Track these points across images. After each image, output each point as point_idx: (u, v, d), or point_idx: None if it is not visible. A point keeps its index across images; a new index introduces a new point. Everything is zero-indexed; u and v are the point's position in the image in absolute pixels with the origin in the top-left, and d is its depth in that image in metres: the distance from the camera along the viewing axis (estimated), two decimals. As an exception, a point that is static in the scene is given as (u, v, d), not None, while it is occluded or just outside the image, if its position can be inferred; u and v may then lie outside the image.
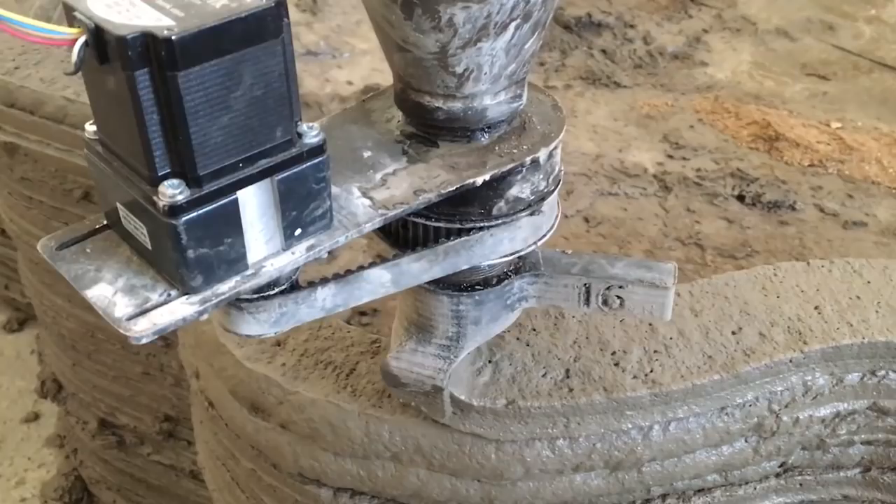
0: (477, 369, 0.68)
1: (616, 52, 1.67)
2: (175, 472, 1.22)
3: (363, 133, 0.57)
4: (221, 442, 0.82)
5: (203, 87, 0.41)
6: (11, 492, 1.43)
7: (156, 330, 0.43)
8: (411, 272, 0.55)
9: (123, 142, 0.44)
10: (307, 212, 0.48)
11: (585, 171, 1.35)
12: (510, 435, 0.67)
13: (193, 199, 0.43)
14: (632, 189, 1.33)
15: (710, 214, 1.25)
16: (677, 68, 1.65)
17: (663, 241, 1.21)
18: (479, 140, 0.55)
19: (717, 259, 1.19)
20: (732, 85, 1.57)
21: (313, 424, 0.71)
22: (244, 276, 0.46)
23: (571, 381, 0.67)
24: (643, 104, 1.53)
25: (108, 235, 0.48)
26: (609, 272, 0.60)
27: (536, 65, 1.64)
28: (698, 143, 1.41)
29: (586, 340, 0.70)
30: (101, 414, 1.24)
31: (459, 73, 0.51)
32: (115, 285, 0.45)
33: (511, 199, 0.55)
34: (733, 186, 1.31)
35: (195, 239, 0.43)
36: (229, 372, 0.76)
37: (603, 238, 1.23)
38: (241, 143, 0.44)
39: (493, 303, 0.61)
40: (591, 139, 1.44)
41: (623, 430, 0.67)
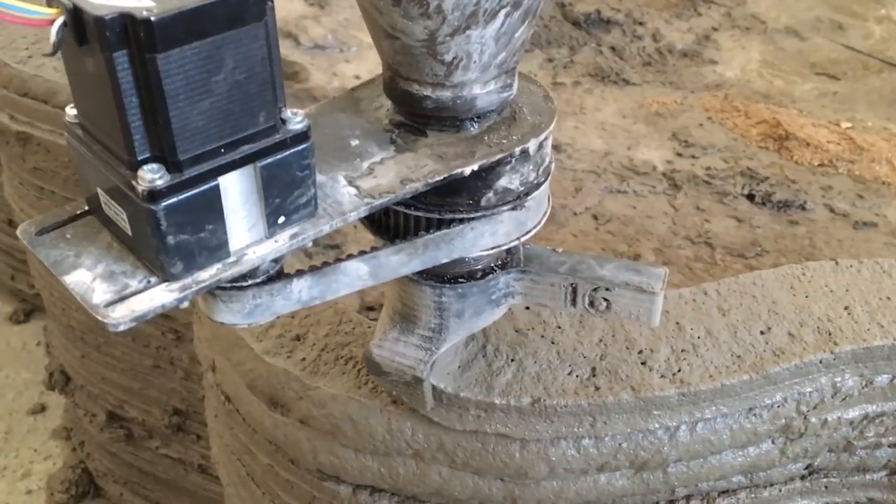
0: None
1: (625, 49, 1.66)
2: (183, 466, 1.20)
3: (351, 121, 0.56)
4: (237, 437, 0.80)
5: (183, 70, 0.40)
6: (17, 483, 1.41)
7: (134, 317, 0.42)
8: (390, 265, 0.54)
9: (103, 125, 0.43)
10: (291, 199, 0.47)
11: (594, 168, 1.33)
12: (535, 434, 0.65)
13: (173, 185, 0.42)
14: (641, 187, 1.31)
15: (720, 213, 1.24)
16: (686, 66, 1.63)
17: (672, 240, 1.20)
18: (469, 130, 0.54)
19: (726, 258, 1.18)
20: (742, 83, 1.55)
21: (334, 420, 0.69)
22: (226, 264, 0.45)
23: (598, 379, 0.66)
24: (652, 102, 1.52)
25: (89, 221, 0.47)
26: (597, 273, 0.59)
27: (545, 61, 1.63)
28: (707, 141, 1.40)
29: (612, 339, 0.68)
30: (110, 407, 1.22)
31: (448, 60, 0.50)
32: (94, 271, 0.44)
33: (500, 190, 0.54)
34: (743, 185, 1.29)
35: (175, 225, 0.42)
36: (247, 366, 0.75)
37: (612, 236, 1.21)
38: (222, 128, 0.43)
39: (477, 296, 0.60)
40: (599, 136, 1.43)
41: (649, 429, 0.65)
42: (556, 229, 1.20)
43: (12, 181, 1.17)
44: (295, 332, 0.74)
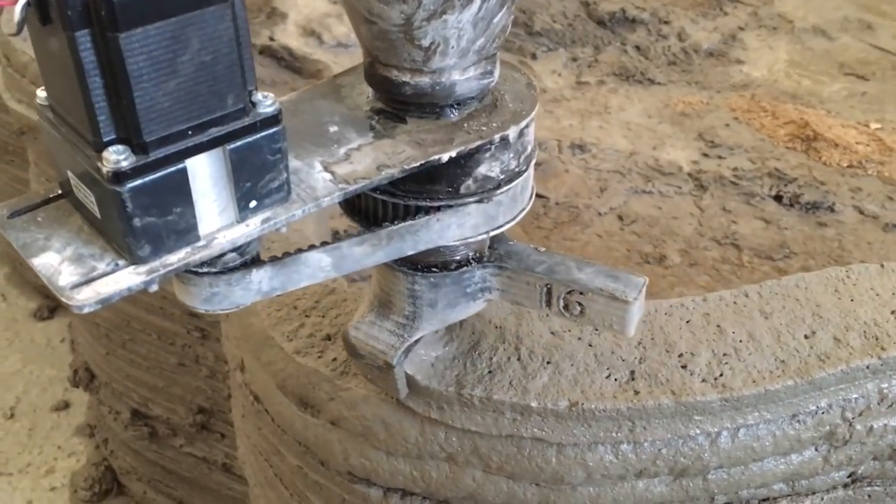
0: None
1: (650, 48, 1.64)
2: (207, 465, 1.19)
3: (331, 108, 0.55)
4: (266, 437, 0.79)
5: (147, 51, 0.39)
6: (41, 480, 1.41)
7: (99, 299, 0.42)
8: (353, 256, 0.53)
9: (70, 106, 0.42)
10: (262, 183, 0.46)
11: (619, 168, 1.31)
12: (572, 438, 0.63)
13: (139, 166, 0.41)
14: (666, 187, 1.29)
15: (747, 214, 1.21)
16: (712, 66, 1.61)
17: (699, 241, 1.18)
18: (449, 117, 0.53)
19: (753, 260, 1.15)
20: (769, 83, 1.53)
21: (366, 422, 0.68)
22: (195, 248, 0.45)
23: (637, 383, 0.64)
24: (678, 101, 1.49)
25: (62, 205, 0.47)
26: (572, 276, 0.57)
27: (569, 60, 1.61)
28: (734, 141, 1.37)
29: (651, 341, 0.66)
30: (134, 404, 1.21)
31: (425, 46, 0.50)
32: (62, 254, 0.44)
33: (480, 178, 0.53)
34: (770, 186, 1.27)
35: (141, 207, 0.42)
36: (278, 366, 0.73)
37: (637, 237, 1.19)
38: (189, 109, 0.42)
39: (450, 288, 0.59)
40: (624, 136, 1.41)
41: (690, 435, 0.63)
42: (580, 230, 1.18)
43: (39, 178, 1.16)
44: (326, 332, 0.73)
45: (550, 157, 1.31)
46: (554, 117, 1.43)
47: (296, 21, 1.53)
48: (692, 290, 1.07)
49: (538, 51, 1.63)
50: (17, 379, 1.58)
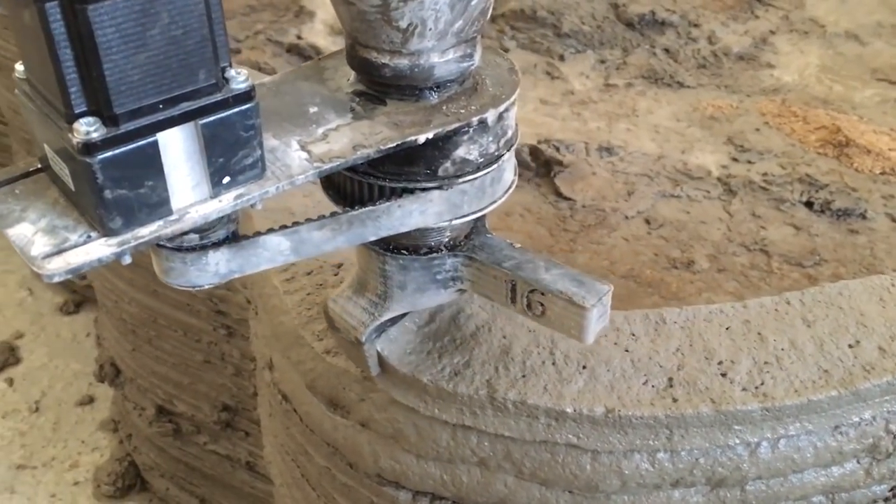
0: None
1: (679, 51, 1.61)
2: (230, 463, 1.19)
3: (313, 89, 0.56)
4: (294, 437, 0.78)
5: (115, 23, 0.40)
6: (65, 474, 1.41)
7: (69, 269, 0.43)
8: (312, 241, 0.53)
9: (43, 79, 0.43)
10: (236, 160, 0.47)
11: (647, 171, 1.30)
12: (608, 445, 0.62)
13: (109, 138, 0.42)
14: (695, 192, 1.27)
15: (777, 220, 1.19)
16: (742, 69, 1.58)
17: (727, 247, 1.16)
18: (428, 99, 0.54)
19: (783, 266, 1.13)
20: (800, 88, 1.50)
21: (397, 424, 0.67)
22: (167, 221, 0.45)
23: (675, 390, 0.62)
24: (707, 105, 1.47)
25: (40, 178, 0.48)
26: (536, 276, 0.57)
27: (597, 62, 1.59)
28: (764, 146, 1.35)
29: (690, 348, 0.65)
30: (159, 401, 1.21)
31: (403, 27, 0.50)
32: (37, 225, 0.45)
33: (458, 160, 0.54)
34: (801, 192, 1.24)
35: (112, 179, 0.43)
36: (307, 365, 0.72)
37: (664, 241, 1.17)
38: (160, 83, 0.42)
39: (419, 272, 0.59)
40: (652, 139, 1.39)
41: (729, 445, 0.62)
42: (607, 233, 1.16)
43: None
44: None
45: (578, 160, 1.29)
46: (581, 119, 1.42)
47: (323, 20, 1.53)
48: (720, 295, 1.05)
49: (566, 52, 1.61)
50: (43, 373, 1.58)
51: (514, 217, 1.18)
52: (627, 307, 0.96)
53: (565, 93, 1.54)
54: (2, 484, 1.39)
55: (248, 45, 1.49)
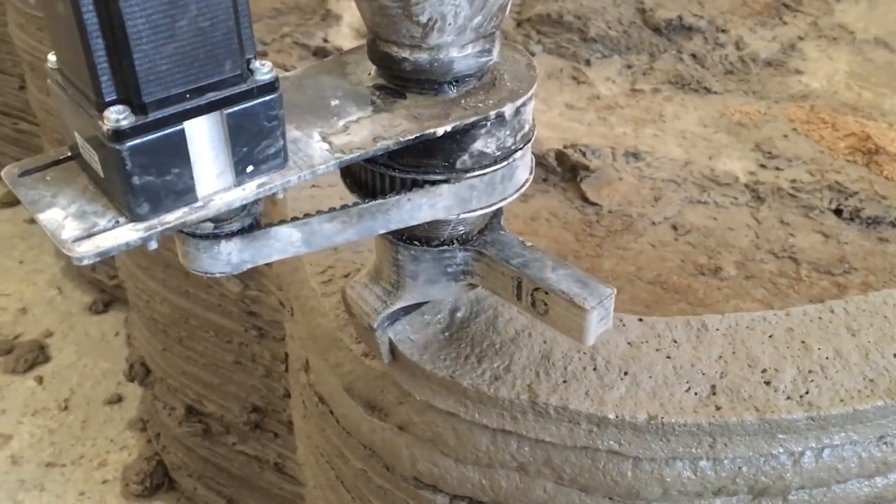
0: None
1: (707, 56, 1.60)
2: (259, 464, 1.19)
3: (334, 83, 0.57)
4: (330, 439, 0.78)
5: (145, 14, 0.41)
6: (94, 473, 1.42)
7: (98, 252, 0.44)
8: (323, 232, 0.54)
9: (75, 68, 0.44)
10: (259, 149, 0.48)
11: (674, 177, 1.29)
12: (650, 452, 0.61)
13: (138, 126, 0.43)
14: (722, 198, 1.26)
15: (805, 228, 1.18)
16: (770, 75, 1.57)
17: (755, 254, 1.14)
18: (447, 93, 0.55)
19: (812, 274, 1.12)
20: (828, 95, 1.49)
21: (436, 428, 0.67)
22: (192, 208, 0.46)
23: (718, 398, 0.61)
24: (734, 111, 1.46)
25: (70, 166, 0.49)
26: (542, 274, 0.57)
27: (624, 67, 1.58)
28: (792, 153, 1.34)
29: (733, 356, 0.64)
30: (189, 401, 1.21)
31: (423, 22, 0.51)
32: (67, 210, 0.46)
33: (475, 154, 0.55)
34: (830, 200, 1.23)
35: (140, 166, 0.44)
36: (345, 368, 0.72)
37: (691, 247, 1.17)
38: (187, 73, 0.44)
39: (431, 264, 0.60)
40: (679, 145, 1.38)
41: (773, 454, 0.61)
42: (633, 239, 1.16)
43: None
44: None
45: (604, 165, 1.29)
46: (608, 124, 1.41)
47: (350, 23, 1.53)
48: (748, 303, 1.04)
49: (592, 57, 1.60)
50: (72, 371, 1.59)
51: (540, 222, 1.18)
52: (654, 313, 0.95)
53: (591, 97, 1.54)
54: (31, 481, 1.40)
55: (275, 48, 1.50)
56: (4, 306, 1.74)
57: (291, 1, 1.70)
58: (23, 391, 1.55)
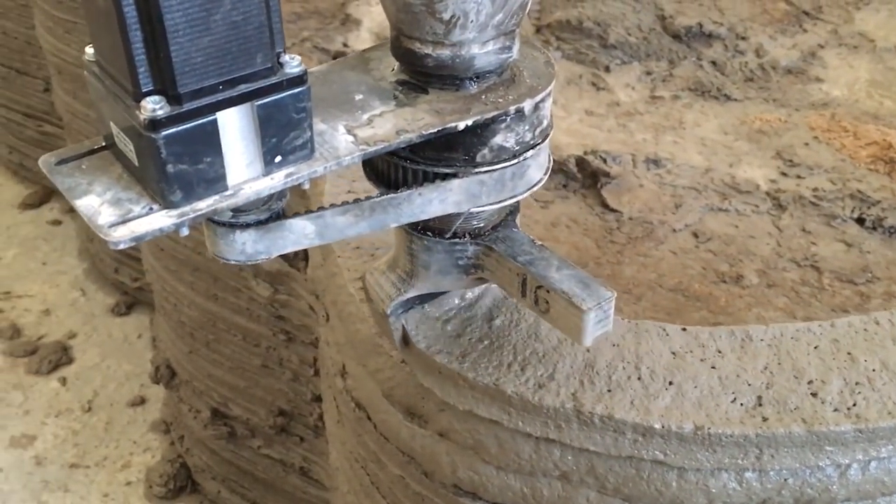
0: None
1: (727, 64, 1.60)
2: (283, 468, 1.19)
3: (358, 79, 0.58)
4: (366, 445, 0.77)
5: (183, 8, 0.42)
6: (117, 475, 1.41)
7: (133, 237, 0.45)
8: (336, 225, 0.55)
9: (113, 60, 0.45)
10: (287, 140, 0.49)
11: (694, 185, 1.28)
12: (695, 463, 0.61)
13: (173, 116, 0.44)
14: (743, 206, 1.25)
15: (828, 236, 1.17)
16: (791, 83, 1.56)
17: (777, 262, 1.14)
18: (468, 89, 0.56)
19: (834, 283, 1.11)
20: (849, 103, 1.48)
21: (477, 435, 0.66)
22: (223, 196, 0.48)
23: (765, 409, 0.61)
24: (755, 119, 1.45)
25: (105, 156, 0.50)
26: (546, 273, 0.58)
27: (643, 74, 1.58)
28: (814, 161, 1.33)
29: (778, 366, 0.63)
30: (214, 404, 1.21)
31: (446, 19, 0.52)
32: (102, 197, 0.48)
33: (495, 148, 0.56)
34: (852, 209, 1.22)
35: (174, 154, 0.45)
36: (385, 374, 0.72)
37: (713, 255, 1.16)
38: (221, 65, 0.45)
39: (442, 255, 0.61)
40: (699, 152, 1.37)
41: (819, 466, 0.60)
42: (654, 246, 1.15)
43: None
44: (436, 343, 0.71)
45: (624, 172, 1.28)
46: (627, 131, 1.41)
47: (369, 28, 1.53)
48: (770, 311, 1.04)
49: (612, 63, 1.60)
50: (95, 373, 1.59)
51: (560, 228, 1.17)
52: (675, 320, 0.94)
53: (611, 104, 1.53)
54: (56, 482, 1.40)
55: (295, 52, 1.50)
56: (28, 307, 1.74)
57: (311, 6, 1.69)
58: (46, 392, 1.55)
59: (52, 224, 1.96)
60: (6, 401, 1.54)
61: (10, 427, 1.50)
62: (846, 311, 1.04)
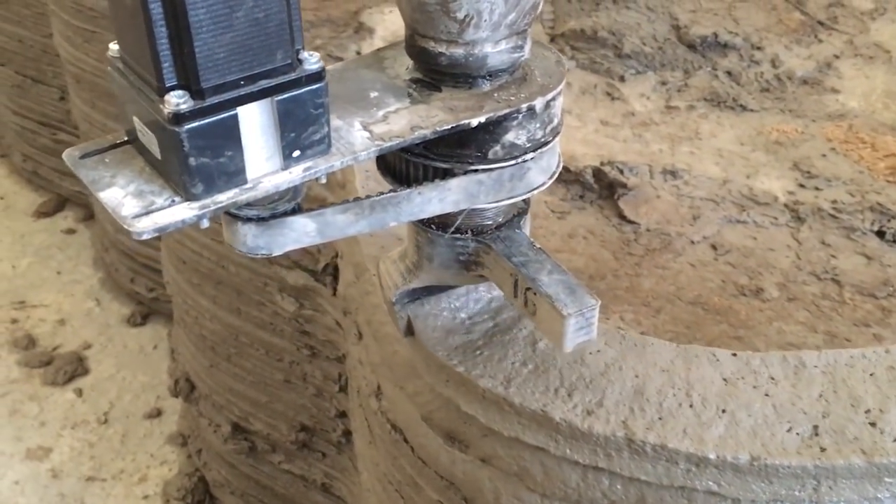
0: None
1: (742, 74, 1.57)
2: (304, 483, 1.16)
3: (373, 77, 0.59)
4: (402, 468, 0.75)
5: (207, 5, 0.43)
6: (134, 488, 1.39)
7: (156, 228, 0.46)
8: (336, 223, 0.55)
9: (138, 56, 0.46)
10: (305, 135, 0.49)
11: (712, 196, 1.26)
12: (750, 494, 0.58)
13: (196, 110, 0.45)
14: (761, 218, 1.23)
15: (847, 249, 1.15)
16: (807, 94, 1.54)
17: (797, 275, 1.11)
18: (481, 87, 0.56)
19: (855, 297, 1.09)
20: (866, 114, 1.46)
21: (522, 462, 0.63)
22: (243, 189, 0.48)
23: (822, 439, 0.58)
24: (771, 129, 1.43)
25: (127, 150, 0.51)
26: (535, 275, 0.58)
27: (658, 83, 1.56)
28: (832, 173, 1.31)
29: (834, 395, 0.61)
30: (235, 418, 1.18)
31: (460, 18, 0.53)
32: (126, 189, 0.48)
33: (507, 145, 0.56)
34: (872, 221, 1.20)
35: (197, 148, 0.46)
36: (424, 398, 0.69)
37: (732, 267, 1.14)
38: (242, 61, 0.46)
39: (444, 248, 0.62)
40: (716, 163, 1.35)
41: (878, 497, 0.58)
42: (672, 258, 1.13)
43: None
44: (476, 366, 0.69)
45: (641, 182, 1.26)
46: (643, 141, 1.38)
47: (383, 36, 1.50)
48: (791, 325, 1.02)
49: (626, 73, 1.58)
50: (111, 384, 1.56)
51: (577, 239, 1.15)
52: (696, 334, 0.92)
53: (626, 114, 1.51)
54: (72, 496, 1.37)
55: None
56: (43, 317, 1.71)
57: (323, 13, 1.67)
58: (62, 403, 1.52)
59: (67, 233, 1.94)
60: (22, 412, 1.51)
61: (25, 439, 1.47)
62: (868, 325, 1.02)
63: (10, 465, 1.42)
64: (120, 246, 1.64)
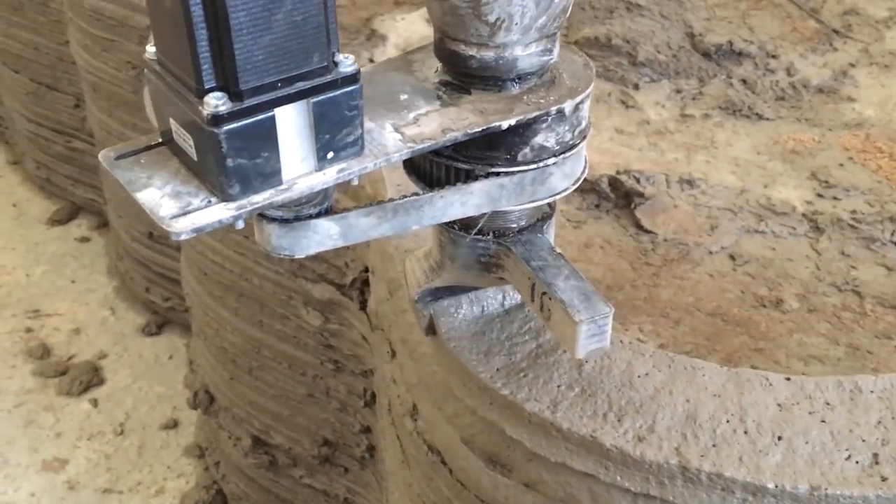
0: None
1: (757, 82, 1.55)
2: (326, 498, 1.13)
3: (403, 80, 0.58)
4: (439, 490, 0.72)
5: (247, 7, 0.43)
6: (151, 500, 1.36)
7: (194, 228, 0.46)
8: (359, 227, 0.55)
9: (177, 58, 0.46)
10: (339, 137, 0.49)
11: (730, 205, 1.23)
12: (809, 524, 0.56)
13: (234, 112, 0.45)
14: (780, 228, 1.20)
15: (868, 260, 1.12)
16: (822, 102, 1.52)
17: (817, 286, 1.09)
18: (510, 89, 0.56)
19: (877, 309, 1.06)
20: (883, 123, 1.43)
21: (569, 488, 0.61)
22: (278, 190, 0.48)
23: (882, 468, 0.56)
24: (788, 138, 1.41)
25: (162, 151, 0.51)
26: (552, 280, 0.58)
27: (673, 92, 1.53)
28: (850, 182, 1.28)
29: (893, 421, 0.58)
30: (255, 431, 1.15)
31: (492, 22, 0.53)
32: (163, 190, 0.48)
33: (536, 147, 0.56)
34: (892, 232, 1.17)
35: (234, 149, 0.45)
36: (465, 420, 0.67)
37: (751, 278, 1.11)
38: (280, 63, 0.46)
39: (466, 249, 0.62)
40: (733, 172, 1.32)
41: (941, 527, 0.55)
42: (690, 268, 1.10)
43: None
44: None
45: (658, 192, 1.23)
46: (658, 150, 1.36)
47: (395, 43, 1.48)
48: (812, 337, 0.99)
49: (641, 81, 1.55)
50: (127, 395, 1.53)
51: (594, 249, 1.13)
52: (715, 346, 0.89)
53: (641, 122, 1.48)
54: (89, 508, 1.34)
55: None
56: (58, 326, 1.68)
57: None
58: (78, 414, 1.49)
59: (81, 241, 1.90)
60: (37, 423, 1.48)
61: (41, 450, 1.44)
62: (890, 337, 1.00)
63: (26, 476, 1.39)
64: (135, 255, 1.61)
